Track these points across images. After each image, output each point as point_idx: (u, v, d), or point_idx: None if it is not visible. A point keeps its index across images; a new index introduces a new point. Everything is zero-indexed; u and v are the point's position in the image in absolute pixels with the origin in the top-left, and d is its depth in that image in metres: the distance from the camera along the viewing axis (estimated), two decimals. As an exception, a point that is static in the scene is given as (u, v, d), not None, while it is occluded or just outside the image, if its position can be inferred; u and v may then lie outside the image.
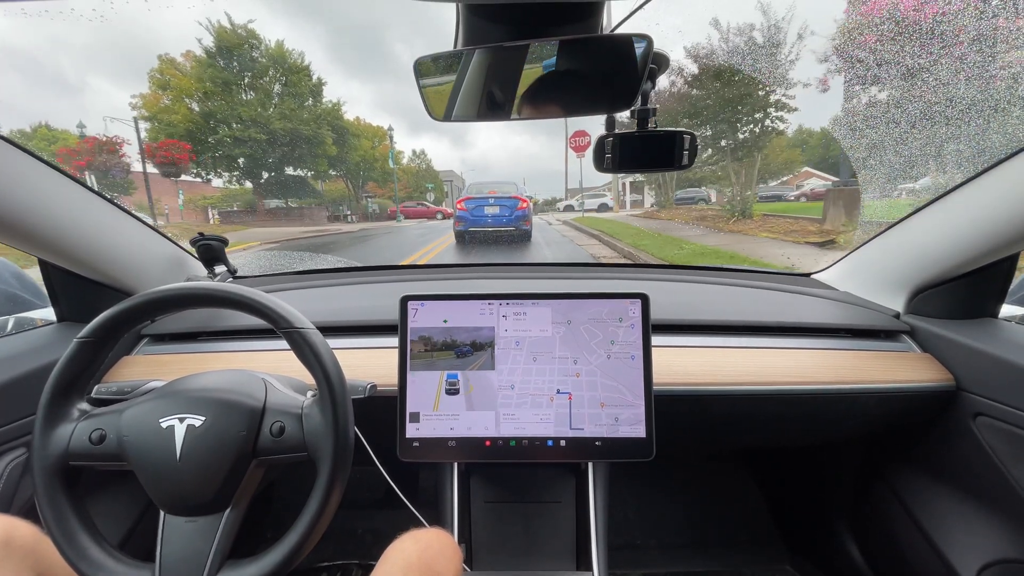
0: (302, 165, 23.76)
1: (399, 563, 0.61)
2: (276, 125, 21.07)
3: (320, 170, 24.84)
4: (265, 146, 21.20)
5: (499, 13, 0.58)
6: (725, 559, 1.41)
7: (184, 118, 19.65)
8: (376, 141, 32.07)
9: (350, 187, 31.46)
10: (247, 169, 22.27)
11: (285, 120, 21.42)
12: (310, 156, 23.08)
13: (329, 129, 23.51)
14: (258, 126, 20.83)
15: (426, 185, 35.10)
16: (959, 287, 0.94)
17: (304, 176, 25.46)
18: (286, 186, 24.39)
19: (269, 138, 20.96)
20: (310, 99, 23.51)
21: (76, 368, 0.60)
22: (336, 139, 24.42)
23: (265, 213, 22.72)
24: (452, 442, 0.83)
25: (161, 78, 20.13)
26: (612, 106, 0.71)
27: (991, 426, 0.84)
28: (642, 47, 0.61)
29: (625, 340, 0.83)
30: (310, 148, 22.63)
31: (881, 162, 3.98)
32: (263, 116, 21.12)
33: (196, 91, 20.28)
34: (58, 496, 0.57)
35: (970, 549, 0.88)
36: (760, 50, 8.90)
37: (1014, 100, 2.72)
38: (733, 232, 9.66)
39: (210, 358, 0.99)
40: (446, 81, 0.69)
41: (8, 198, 0.77)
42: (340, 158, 25.84)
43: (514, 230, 9.12)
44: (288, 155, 22.27)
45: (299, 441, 0.60)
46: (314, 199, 27.29)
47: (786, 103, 10.61)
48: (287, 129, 21.29)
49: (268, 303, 0.61)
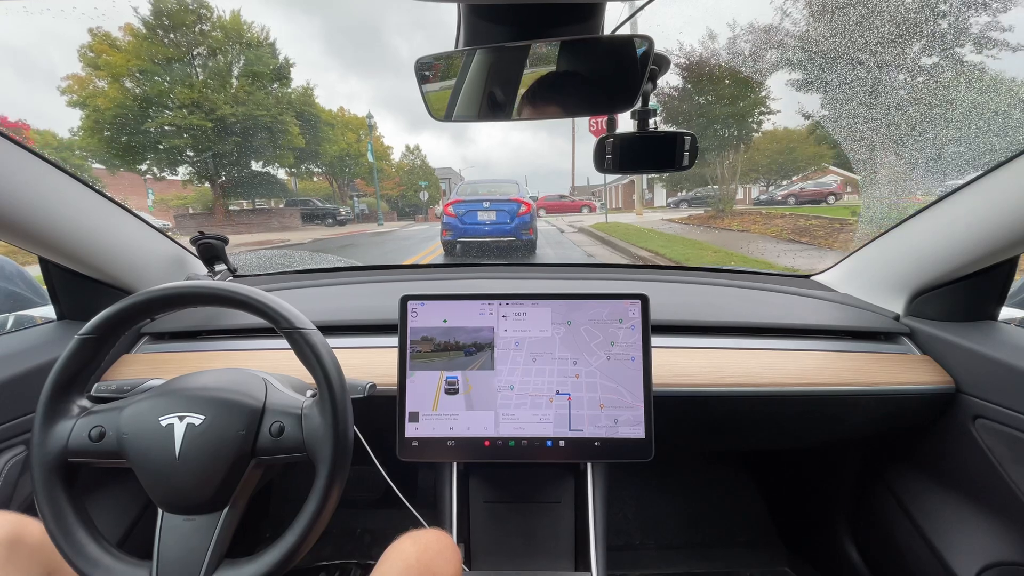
0: (261, 158, 19.57)
1: (398, 564, 0.61)
2: (225, 111, 16.84)
3: (285, 164, 20.78)
4: (212, 135, 17.16)
5: (500, 14, 0.59)
6: (724, 560, 1.41)
7: (111, 102, 15.39)
8: (363, 134, 28.31)
9: (334, 185, 28.60)
10: (199, 164, 18.20)
11: (238, 105, 17.21)
12: (271, 148, 18.90)
13: (294, 117, 19.29)
14: (202, 111, 16.71)
15: (419, 183, 32.51)
16: (959, 290, 0.94)
17: (272, 173, 21.38)
18: (250, 184, 20.38)
19: (216, 126, 16.95)
20: (275, 82, 19.26)
21: (77, 365, 0.60)
22: (304, 129, 20.29)
23: (225, 215, 19.00)
24: (451, 442, 0.83)
25: (93, 56, 15.79)
26: (613, 107, 0.71)
27: (990, 428, 0.84)
28: (643, 48, 0.61)
29: (625, 341, 0.83)
30: (271, 139, 18.49)
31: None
32: (208, 99, 16.87)
33: (132, 70, 16.01)
34: (57, 493, 0.57)
35: (969, 551, 0.88)
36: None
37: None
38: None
39: (210, 357, 0.99)
40: (447, 81, 0.69)
41: (9, 196, 0.77)
42: (312, 151, 22.27)
43: (514, 240, 7.43)
44: (242, 146, 18.09)
45: (298, 442, 0.60)
46: (286, 198, 23.66)
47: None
48: (240, 115, 17.11)
49: (269, 303, 0.61)
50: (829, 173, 18.13)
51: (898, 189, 3.60)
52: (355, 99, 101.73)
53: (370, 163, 28.08)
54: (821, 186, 17.42)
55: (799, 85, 6.41)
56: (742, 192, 22.98)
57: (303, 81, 41.59)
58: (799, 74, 6.28)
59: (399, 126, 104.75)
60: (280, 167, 21.17)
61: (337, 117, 26.93)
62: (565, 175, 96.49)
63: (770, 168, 17.32)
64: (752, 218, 11.09)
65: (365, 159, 28.03)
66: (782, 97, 9.81)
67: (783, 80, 9.63)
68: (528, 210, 7.47)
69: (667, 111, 11.11)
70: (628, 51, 0.62)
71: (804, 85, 6.36)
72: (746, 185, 19.99)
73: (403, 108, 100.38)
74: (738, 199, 21.94)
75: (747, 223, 10.32)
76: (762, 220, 10.34)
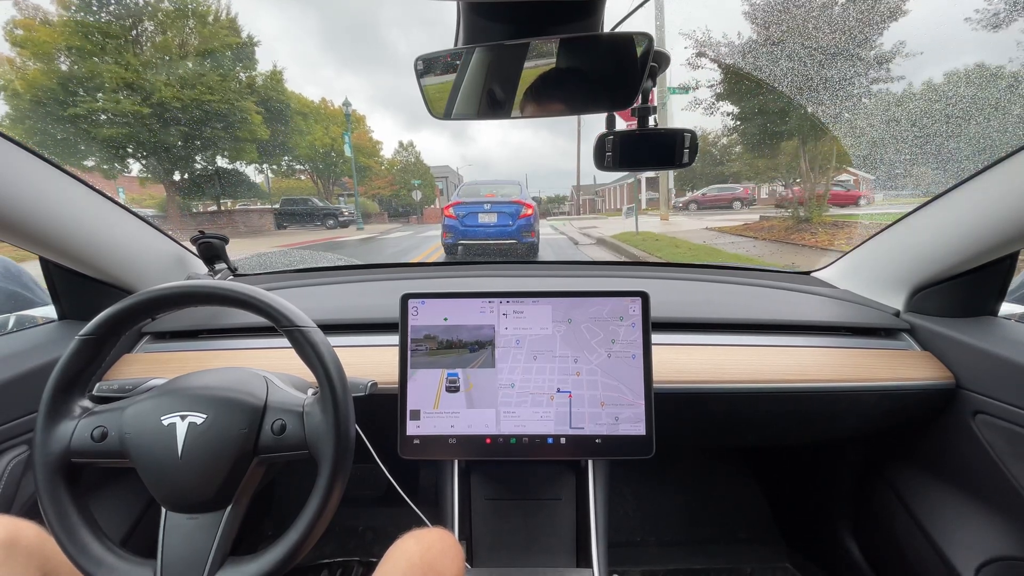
0: (216, 151, 16.48)
1: (402, 563, 0.61)
2: (165, 94, 13.68)
3: (248, 159, 17.55)
4: (152, 124, 14.10)
5: (500, 11, 0.58)
6: (725, 556, 1.42)
7: (30, 85, 12.67)
8: (350, 127, 25.74)
9: (319, 183, 26.50)
10: (145, 159, 15.25)
11: (184, 88, 14.24)
12: (229, 140, 15.89)
13: (256, 103, 16.22)
14: (138, 96, 13.73)
15: (412, 182, 30.18)
16: (959, 285, 0.94)
17: (239, 170, 18.53)
18: (210, 182, 17.45)
19: (155, 112, 13.90)
20: (236, 65, 16.32)
21: (78, 365, 0.60)
22: (272, 119, 17.30)
23: (180, 220, 16.41)
24: (452, 440, 0.83)
25: (17, 33, 12.94)
26: (612, 104, 0.71)
27: (991, 424, 0.84)
28: (643, 45, 0.61)
29: (626, 339, 0.83)
30: (226, 129, 15.48)
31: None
32: (146, 82, 13.84)
33: (60, 47, 13.22)
34: (60, 493, 0.57)
35: (969, 547, 0.89)
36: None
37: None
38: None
39: (211, 356, 1.00)
40: (446, 79, 0.69)
41: (9, 196, 0.77)
42: (280, 144, 19.06)
43: (515, 243, 7.26)
44: (190, 137, 15.14)
45: (300, 439, 0.60)
46: (260, 199, 21.29)
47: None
48: (187, 100, 14.15)
49: (270, 302, 0.62)
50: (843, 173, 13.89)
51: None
52: (353, 95, 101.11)
53: (360, 160, 25.68)
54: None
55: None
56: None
57: (284, 67, 36.54)
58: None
59: (398, 123, 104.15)
60: (242, 162, 17.99)
61: (311, 106, 24.10)
62: (566, 175, 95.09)
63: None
64: (855, 230, 7.50)
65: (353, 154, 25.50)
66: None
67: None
68: (530, 212, 7.25)
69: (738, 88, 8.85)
70: (627, 48, 0.62)
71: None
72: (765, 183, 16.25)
73: (402, 105, 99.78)
74: (762, 198, 18.55)
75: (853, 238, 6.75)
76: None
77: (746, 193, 18.14)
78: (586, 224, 15.90)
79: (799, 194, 9.32)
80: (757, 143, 10.90)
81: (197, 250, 1.17)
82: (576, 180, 28.76)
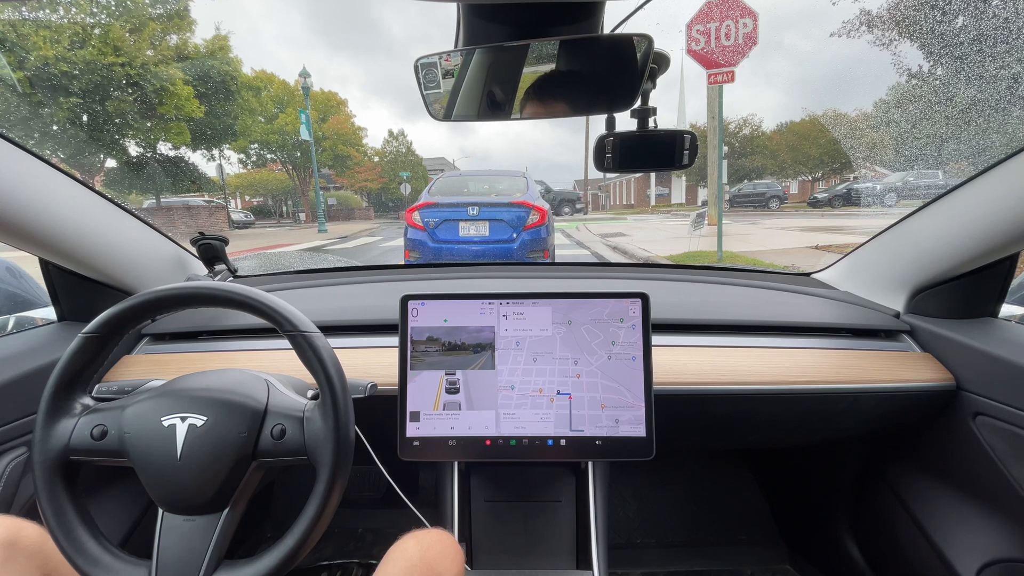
0: (126, 130, 12.75)
1: (401, 564, 0.61)
2: (45, 53, 10.62)
3: (175, 142, 13.99)
4: (32, 94, 11.01)
5: (500, 13, 0.59)
6: (725, 558, 1.42)
7: None
8: (327, 112, 23.24)
9: (294, 175, 23.34)
10: (28, 139, 11.22)
11: (74, 47, 11.01)
12: (143, 116, 12.61)
13: (182, 72, 12.74)
14: (11, 55, 10.72)
15: (400, 174, 26.06)
16: (959, 287, 0.94)
17: (183, 157, 15.14)
18: (138, 171, 14.16)
19: (35, 79, 10.91)
20: (152, 17, 12.72)
21: (80, 363, 0.60)
22: (207, 93, 13.80)
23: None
24: (452, 441, 0.83)
25: None
26: (612, 106, 0.72)
27: (991, 425, 0.84)
28: (643, 47, 0.61)
29: (626, 341, 0.83)
30: (140, 102, 12.16)
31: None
32: (16, 42, 10.62)
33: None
34: (58, 491, 0.57)
35: (970, 548, 0.89)
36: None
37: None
38: None
39: (210, 357, 0.99)
40: (447, 80, 0.69)
41: (9, 198, 0.77)
42: (226, 126, 15.30)
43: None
44: (90, 111, 11.68)
45: (300, 445, 0.60)
46: (210, 192, 18.11)
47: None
48: (83, 65, 10.96)
49: (273, 305, 0.61)
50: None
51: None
52: (346, 83, 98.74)
53: (338, 148, 22.31)
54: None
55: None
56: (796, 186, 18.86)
57: (231, 31, 28.74)
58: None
59: (396, 113, 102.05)
60: (176, 146, 14.42)
61: (264, 78, 20.47)
62: (567, 169, 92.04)
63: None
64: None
65: (329, 143, 22.07)
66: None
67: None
68: (540, 219, 4.62)
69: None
70: (627, 50, 0.62)
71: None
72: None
73: (398, 94, 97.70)
74: (791, 193, 17.39)
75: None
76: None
77: (787, 191, 17.04)
78: (606, 230, 12.69)
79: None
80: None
81: (197, 251, 1.16)
82: (584, 175, 26.44)
